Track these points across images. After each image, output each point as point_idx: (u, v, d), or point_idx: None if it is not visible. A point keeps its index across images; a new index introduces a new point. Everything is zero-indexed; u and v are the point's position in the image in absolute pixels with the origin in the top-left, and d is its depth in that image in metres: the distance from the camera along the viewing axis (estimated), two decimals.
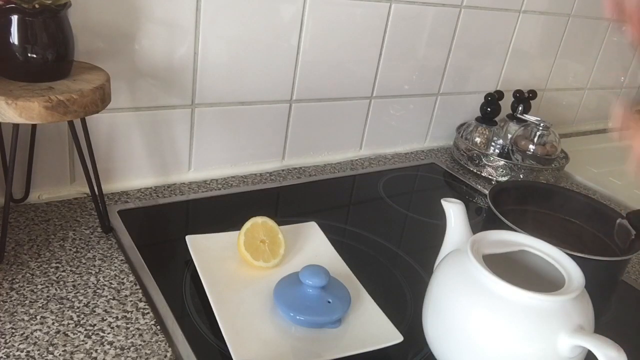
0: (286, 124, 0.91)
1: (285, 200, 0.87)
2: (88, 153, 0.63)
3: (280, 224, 0.66)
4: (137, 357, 0.51)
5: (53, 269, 0.61)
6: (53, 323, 0.54)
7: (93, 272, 0.61)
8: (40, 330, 0.52)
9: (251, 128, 0.87)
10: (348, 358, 0.53)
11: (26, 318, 0.54)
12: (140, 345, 0.53)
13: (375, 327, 0.57)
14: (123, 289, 0.60)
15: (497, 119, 1.09)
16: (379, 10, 0.91)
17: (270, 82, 0.85)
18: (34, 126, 0.67)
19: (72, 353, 0.51)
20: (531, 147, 1.02)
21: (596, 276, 0.62)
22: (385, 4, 0.91)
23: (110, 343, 0.52)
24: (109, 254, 0.65)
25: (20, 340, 0.51)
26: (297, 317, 0.55)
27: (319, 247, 0.70)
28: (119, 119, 0.75)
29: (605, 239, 0.75)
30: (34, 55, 0.56)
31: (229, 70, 0.80)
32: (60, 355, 0.50)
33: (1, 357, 0.49)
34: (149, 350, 0.52)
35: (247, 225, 0.64)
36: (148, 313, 0.57)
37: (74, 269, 0.61)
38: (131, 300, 0.58)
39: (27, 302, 0.56)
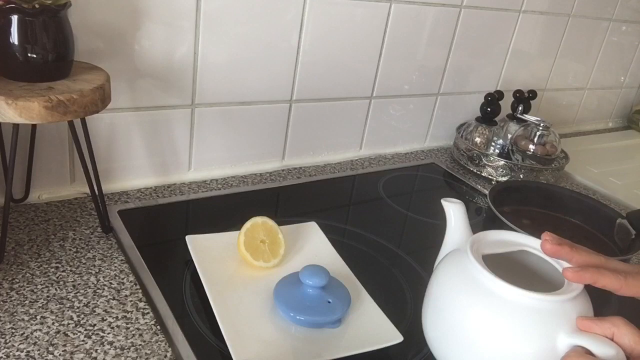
0: (286, 124, 0.91)
1: (285, 200, 0.87)
2: (88, 153, 0.63)
3: (280, 224, 0.66)
4: (137, 357, 0.51)
5: (53, 269, 0.61)
6: (53, 323, 0.54)
7: (93, 272, 0.61)
8: (40, 330, 0.52)
9: (251, 128, 0.87)
10: (348, 358, 0.53)
11: (26, 318, 0.54)
12: (140, 345, 0.53)
13: (375, 327, 0.57)
14: (123, 289, 0.60)
15: (497, 119, 1.08)
16: (379, 10, 0.91)
17: (270, 82, 0.85)
18: (34, 126, 0.67)
19: (72, 353, 0.51)
20: (531, 147, 1.02)
21: None
22: (385, 4, 0.91)
23: (110, 343, 0.52)
24: (109, 254, 0.65)
25: (20, 340, 0.51)
26: (297, 317, 0.55)
27: (319, 247, 0.70)
28: (119, 119, 0.75)
29: (605, 239, 0.75)
30: (34, 55, 0.56)
31: (229, 70, 0.80)
32: (60, 355, 0.50)
33: (1, 357, 0.49)
34: (149, 350, 0.52)
35: (247, 225, 0.64)
36: (148, 313, 0.57)
37: (74, 269, 0.61)
38: (131, 300, 0.58)
39: (27, 302, 0.56)
